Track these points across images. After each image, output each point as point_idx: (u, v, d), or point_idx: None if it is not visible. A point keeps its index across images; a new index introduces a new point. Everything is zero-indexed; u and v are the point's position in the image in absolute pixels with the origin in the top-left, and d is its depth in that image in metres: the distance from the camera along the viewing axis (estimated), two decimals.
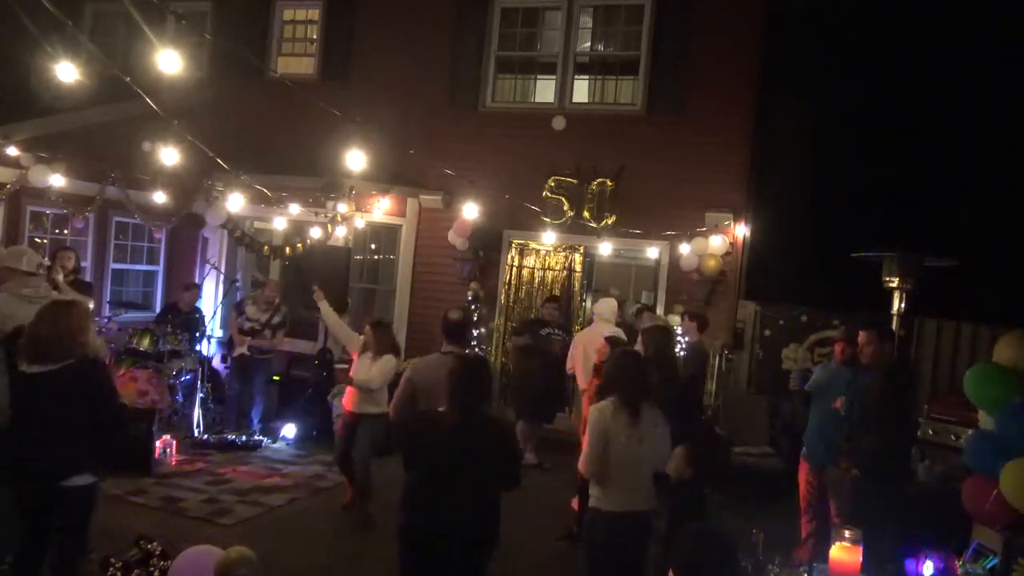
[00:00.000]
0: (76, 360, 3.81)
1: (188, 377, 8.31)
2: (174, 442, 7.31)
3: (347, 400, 6.34)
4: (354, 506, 6.28)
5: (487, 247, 9.65)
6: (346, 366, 7.43)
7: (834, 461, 5.28)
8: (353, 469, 6.23)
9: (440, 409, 3.81)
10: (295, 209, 9.37)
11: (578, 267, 9.51)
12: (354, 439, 6.19)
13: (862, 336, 5.11)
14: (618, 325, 7.82)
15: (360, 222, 9.61)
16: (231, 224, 9.59)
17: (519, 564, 5.43)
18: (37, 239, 9.27)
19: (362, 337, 6.43)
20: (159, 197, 9.35)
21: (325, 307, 7.09)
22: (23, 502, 3.91)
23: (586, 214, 9.26)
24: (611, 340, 6.08)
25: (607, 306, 7.65)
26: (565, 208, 9.30)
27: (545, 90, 10.01)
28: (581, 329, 8.85)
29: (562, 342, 8.21)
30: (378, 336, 6.27)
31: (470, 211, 9.00)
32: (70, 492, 3.80)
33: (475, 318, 9.15)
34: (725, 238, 8.82)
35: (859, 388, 5.10)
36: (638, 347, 5.63)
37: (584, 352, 7.26)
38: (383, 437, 6.16)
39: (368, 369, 6.18)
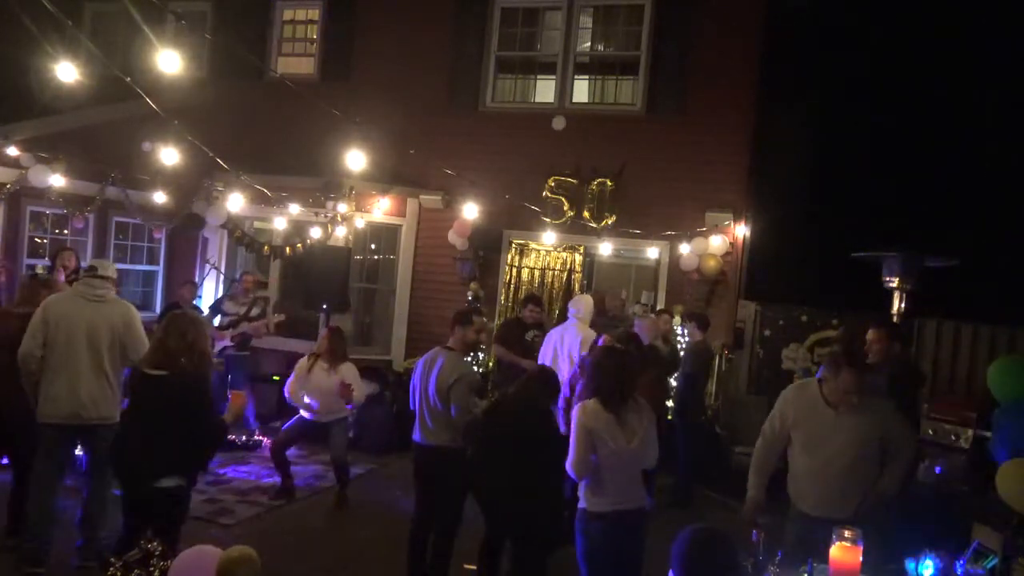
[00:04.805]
0: (190, 369, 4.00)
1: None
2: None
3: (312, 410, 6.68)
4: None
5: (487, 247, 9.65)
6: None
7: None
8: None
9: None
10: (295, 209, 9.37)
11: (578, 267, 9.51)
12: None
13: (871, 333, 5.07)
14: (620, 323, 7.72)
15: (360, 222, 9.61)
16: (231, 224, 9.59)
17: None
18: (37, 239, 9.27)
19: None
20: (159, 197, 9.35)
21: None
22: (126, 499, 4.09)
23: (586, 214, 9.25)
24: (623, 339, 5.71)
25: (586, 306, 6.90)
26: (565, 208, 9.29)
27: (545, 90, 10.00)
28: None
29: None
30: (335, 343, 6.69)
31: (470, 211, 9.00)
32: (159, 493, 3.91)
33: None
34: (725, 238, 8.82)
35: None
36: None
37: (555, 351, 6.62)
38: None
39: (346, 377, 6.53)
